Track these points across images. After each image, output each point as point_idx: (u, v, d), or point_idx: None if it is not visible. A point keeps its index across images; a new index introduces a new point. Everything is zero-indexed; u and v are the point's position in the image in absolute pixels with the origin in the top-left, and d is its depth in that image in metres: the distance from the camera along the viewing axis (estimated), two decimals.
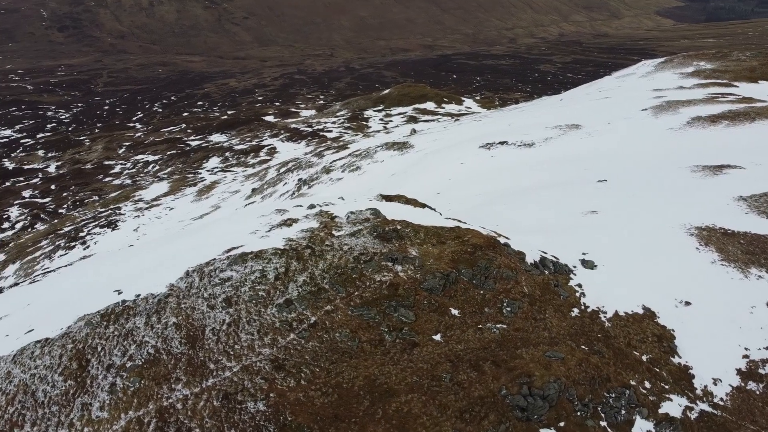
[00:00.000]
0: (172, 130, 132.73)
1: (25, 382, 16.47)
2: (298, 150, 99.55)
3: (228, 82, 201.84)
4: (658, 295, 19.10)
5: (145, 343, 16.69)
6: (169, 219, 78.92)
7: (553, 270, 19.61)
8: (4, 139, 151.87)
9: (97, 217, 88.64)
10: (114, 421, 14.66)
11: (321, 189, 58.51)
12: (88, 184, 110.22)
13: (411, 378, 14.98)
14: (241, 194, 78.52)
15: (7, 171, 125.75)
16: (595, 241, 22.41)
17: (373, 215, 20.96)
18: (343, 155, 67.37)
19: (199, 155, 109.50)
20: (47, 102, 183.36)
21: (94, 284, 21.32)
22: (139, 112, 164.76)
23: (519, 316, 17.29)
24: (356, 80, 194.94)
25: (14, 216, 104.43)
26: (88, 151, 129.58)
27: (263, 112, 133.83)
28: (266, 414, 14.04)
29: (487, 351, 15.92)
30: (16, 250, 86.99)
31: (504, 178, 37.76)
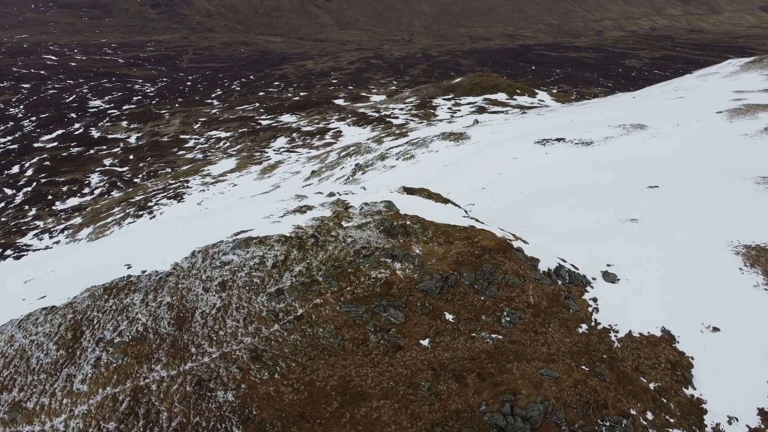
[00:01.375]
0: (245, 108, 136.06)
1: (23, 347, 16.99)
2: (363, 135, 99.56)
3: (305, 63, 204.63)
4: (683, 318, 17.45)
5: (137, 320, 16.81)
6: (231, 195, 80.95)
7: (567, 280, 18.29)
8: (93, 109, 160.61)
9: (166, 189, 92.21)
10: (92, 395, 14.82)
11: (374, 176, 58.13)
12: (163, 156, 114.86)
13: (387, 383, 14.30)
14: (301, 175, 79.41)
15: (93, 139, 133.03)
16: (625, 252, 20.79)
17: (386, 208, 20.27)
18: (400, 143, 66.65)
19: (268, 134, 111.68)
20: (135, 75, 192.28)
21: (112, 256, 21.77)
22: (218, 90, 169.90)
23: (518, 327, 16.20)
24: (432, 67, 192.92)
25: (94, 182, 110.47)
26: (166, 124, 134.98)
27: (334, 95, 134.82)
28: (233, 405, 13.77)
29: (475, 362, 14.99)
30: (92, 215, 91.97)
31: (552, 176, 35.97)
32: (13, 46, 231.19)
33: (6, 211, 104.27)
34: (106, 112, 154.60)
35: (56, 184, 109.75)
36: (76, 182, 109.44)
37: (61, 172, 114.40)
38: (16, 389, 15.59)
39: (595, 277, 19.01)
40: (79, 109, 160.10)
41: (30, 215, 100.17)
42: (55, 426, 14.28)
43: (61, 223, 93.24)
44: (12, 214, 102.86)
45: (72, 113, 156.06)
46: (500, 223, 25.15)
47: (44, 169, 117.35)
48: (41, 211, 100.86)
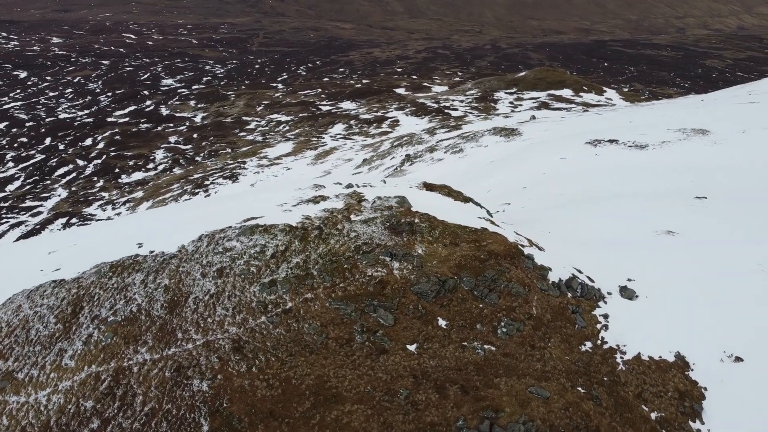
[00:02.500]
0: (308, 93, 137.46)
1: (27, 317, 17.43)
2: (420, 125, 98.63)
3: (372, 51, 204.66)
4: (703, 344, 16.03)
5: (133, 300, 16.93)
6: (284, 179, 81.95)
7: (579, 293, 17.15)
8: (165, 87, 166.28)
9: (223, 169, 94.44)
10: (77, 371, 15.00)
11: (420, 167, 57.36)
12: (225, 137, 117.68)
13: (365, 387, 13.76)
14: (352, 163, 79.45)
15: (162, 117, 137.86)
16: (652, 267, 19.37)
17: (397, 203, 19.62)
18: (451, 136, 65.48)
19: (326, 120, 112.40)
20: (207, 56, 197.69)
21: (130, 234, 22.10)
22: (285, 74, 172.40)
23: (514, 339, 15.28)
24: (500, 60, 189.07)
25: (159, 158, 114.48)
26: (231, 105, 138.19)
27: (396, 84, 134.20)
28: (205, 396, 13.59)
29: (461, 373, 14.22)
30: (153, 190, 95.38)
31: (596, 180, 34.25)
32: (97, 24, 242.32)
33: (77, 181, 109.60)
34: (177, 91, 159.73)
35: (124, 158, 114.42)
36: (142, 157, 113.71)
37: (130, 147, 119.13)
38: (12, 359, 15.99)
39: (611, 292, 17.76)
40: (152, 86, 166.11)
41: (97, 186, 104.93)
42: (38, 399, 14.53)
43: (124, 196, 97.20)
44: (81, 184, 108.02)
45: (145, 90, 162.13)
46: (527, 226, 24.05)
47: (114, 143, 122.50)
48: (108, 183, 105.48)
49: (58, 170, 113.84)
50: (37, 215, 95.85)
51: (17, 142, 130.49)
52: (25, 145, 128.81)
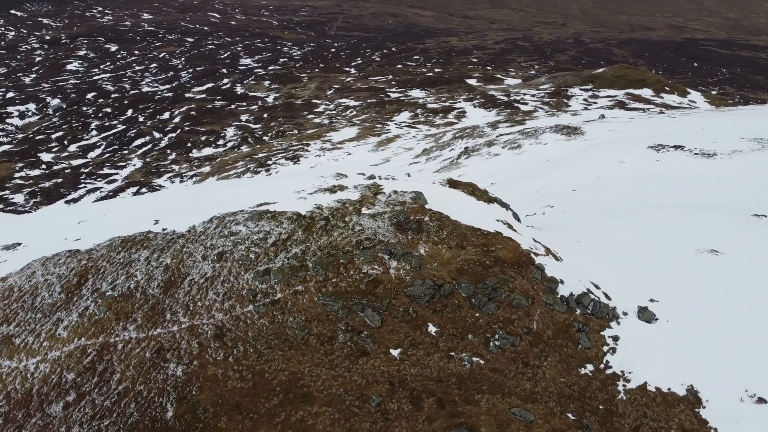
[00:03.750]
0: (378, 79, 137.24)
1: (38, 284, 17.94)
2: (486, 118, 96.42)
3: (450, 40, 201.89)
4: (722, 379, 14.51)
5: (133, 276, 17.07)
6: (343, 163, 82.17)
7: (589, 310, 15.89)
8: (242, 67, 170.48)
9: (287, 150, 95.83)
10: (67, 342, 15.26)
11: (475, 162, 55.94)
12: (293, 118, 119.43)
13: (337, 389, 13.23)
14: (412, 152, 78.64)
15: (236, 95, 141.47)
16: (681, 288, 17.77)
17: (412, 199, 18.86)
18: (513, 131, 63.44)
19: (393, 108, 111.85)
20: (286, 38, 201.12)
21: (153, 209, 22.43)
22: (359, 59, 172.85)
23: (506, 354, 14.30)
24: (581, 54, 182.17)
25: (229, 135, 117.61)
26: (303, 87, 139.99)
27: (468, 75, 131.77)
28: (177, 381, 13.46)
29: (441, 385, 13.44)
30: (219, 166, 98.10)
31: (650, 187, 32.07)
32: (185, 2, 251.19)
33: (151, 152, 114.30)
34: (253, 71, 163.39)
35: (197, 133, 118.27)
36: (214, 134, 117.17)
37: (203, 123, 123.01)
38: (14, 324, 16.48)
39: (628, 312, 16.37)
40: (231, 65, 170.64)
41: (169, 159, 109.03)
42: (28, 366, 14.87)
43: (192, 170, 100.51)
44: (155, 156, 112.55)
45: (223, 69, 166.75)
46: (557, 232, 22.74)
47: (190, 118, 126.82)
48: (179, 157, 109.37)
49: (135, 141, 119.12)
50: (112, 183, 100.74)
51: (102, 112, 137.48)
52: (109, 115, 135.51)
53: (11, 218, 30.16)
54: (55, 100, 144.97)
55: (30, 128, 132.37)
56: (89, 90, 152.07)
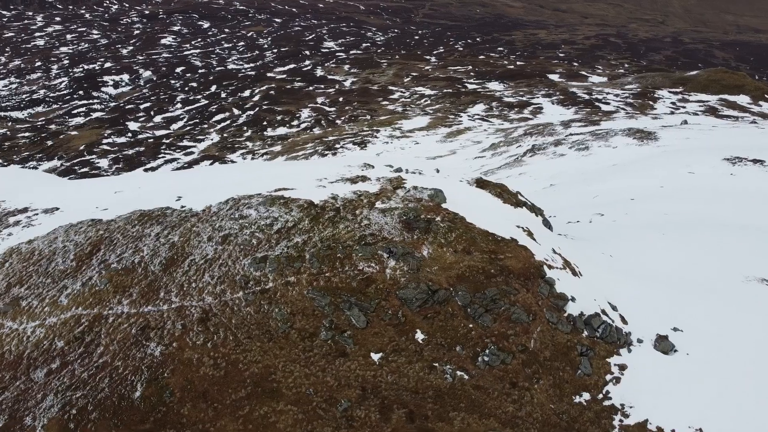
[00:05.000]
0: (457, 69, 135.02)
1: (56, 250, 18.50)
2: (564, 116, 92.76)
3: (538, 33, 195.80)
4: (738, 427, 12.95)
5: (140, 251, 17.24)
6: (409, 153, 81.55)
7: (599, 334, 14.58)
8: (325, 50, 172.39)
9: (356, 135, 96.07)
10: (65, 310, 15.58)
11: (539, 160, 53.85)
12: (367, 104, 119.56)
13: (307, 389, 12.76)
14: (480, 146, 76.90)
15: (315, 77, 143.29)
16: (715, 319, 16.08)
17: (429, 197, 18.01)
18: (584, 131, 60.53)
19: (468, 99, 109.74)
20: (371, 23, 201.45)
21: (181, 185, 22.68)
22: (441, 48, 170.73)
23: (494, 372, 13.33)
24: (677, 55, 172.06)
25: (303, 116, 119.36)
26: (381, 74, 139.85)
27: (550, 70, 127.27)
28: (153, 361, 13.41)
29: (416, 397, 12.69)
30: (289, 146, 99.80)
31: (714, 202, 29.59)
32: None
33: (229, 128, 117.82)
34: (335, 54, 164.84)
35: (273, 112, 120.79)
36: (289, 114, 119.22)
37: (280, 103, 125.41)
38: (26, 286, 17.04)
39: (643, 339, 14.92)
40: (314, 48, 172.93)
41: (245, 136, 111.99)
42: (26, 329, 15.31)
43: (264, 148, 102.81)
44: (232, 131, 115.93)
45: (306, 51, 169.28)
46: (591, 243, 21.26)
47: (268, 97, 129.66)
48: (254, 134, 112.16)
49: (215, 116, 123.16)
50: (189, 155, 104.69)
51: (188, 87, 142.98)
52: (194, 89, 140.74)
53: (60, 182, 31.58)
54: (146, 73, 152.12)
55: (122, 98, 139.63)
56: (179, 64, 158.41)
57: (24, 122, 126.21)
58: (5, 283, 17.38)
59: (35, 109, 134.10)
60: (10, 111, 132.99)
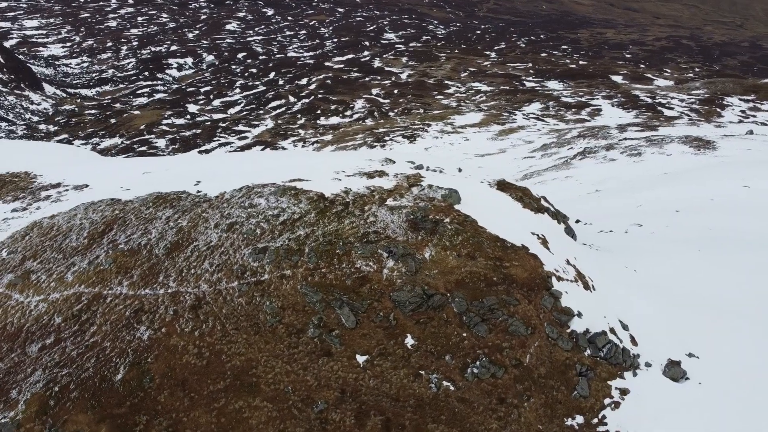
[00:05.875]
0: (517, 66, 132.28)
1: (72, 227, 18.88)
2: (623, 119, 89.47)
3: (605, 32, 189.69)
4: None
5: (148, 233, 17.35)
6: (458, 149, 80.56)
7: (603, 354, 13.69)
8: (385, 41, 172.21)
9: (407, 128, 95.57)
10: (69, 287, 15.83)
11: (588, 164, 52.04)
12: (422, 97, 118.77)
13: (285, 386, 12.47)
14: (530, 146, 75.15)
15: (372, 68, 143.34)
16: (738, 347, 14.89)
17: (443, 197, 17.40)
18: (639, 136, 58.07)
19: (525, 97, 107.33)
20: (433, 16, 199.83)
21: (203, 171, 22.80)
22: (502, 43, 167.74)
23: (482, 386, 12.68)
24: (754, 61, 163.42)
25: (357, 107, 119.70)
26: (438, 67, 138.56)
27: (613, 71, 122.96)
28: (140, 345, 13.41)
29: (396, 405, 12.20)
30: (340, 136, 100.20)
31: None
32: None
33: (283, 115, 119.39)
34: (394, 46, 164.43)
35: (328, 101, 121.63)
36: (343, 104, 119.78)
37: (336, 92, 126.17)
38: (39, 260, 17.44)
39: (652, 364, 13.93)
40: (374, 39, 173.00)
41: (298, 123, 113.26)
42: (31, 303, 15.64)
43: (315, 136, 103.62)
44: (287, 119, 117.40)
45: (366, 41, 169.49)
46: (618, 256, 20.16)
47: (324, 86, 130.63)
48: (307, 122, 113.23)
49: (271, 103, 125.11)
50: (243, 139, 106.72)
51: (248, 72, 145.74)
52: (254, 75, 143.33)
53: (95, 160, 32.43)
54: (209, 57, 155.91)
55: (184, 80, 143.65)
56: (241, 50, 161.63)
57: (92, 100, 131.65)
58: (21, 256, 17.86)
59: (103, 87, 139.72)
60: (80, 88, 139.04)
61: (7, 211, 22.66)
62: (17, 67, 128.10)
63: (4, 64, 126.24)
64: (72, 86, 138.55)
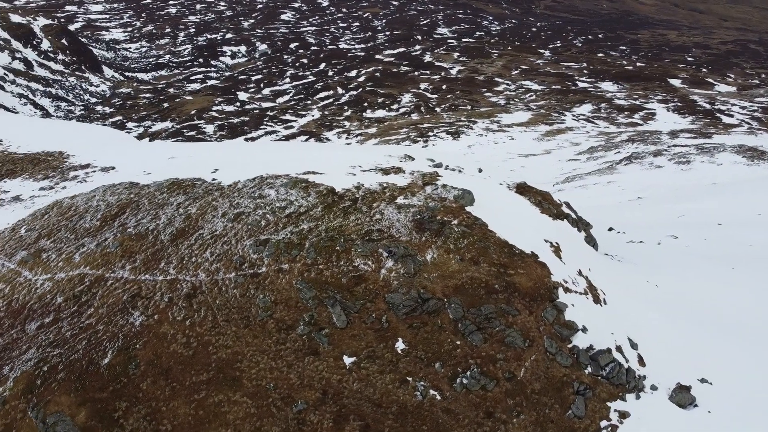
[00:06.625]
0: (570, 66, 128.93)
1: (89, 208, 19.15)
2: (677, 124, 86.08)
3: (667, 34, 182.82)
4: None
5: (157, 218, 17.42)
6: (502, 148, 79.14)
7: (604, 372, 12.92)
8: (437, 36, 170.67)
9: (452, 124, 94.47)
10: (75, 267, 16.02)
11: (633, 170, 50.19)
12: (470, 94, 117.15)
13: (267, 383, 12.24)
14: (577, 148, 73.12)
15: (422, 63, 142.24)
16: (759, 374, 13.87)
17: (455, 197, 16.84)
18: (690, 143, 55.57)
19: (577, 98, 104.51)
20: (488, 12, 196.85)
21: (224, 158, 22.81)
22: (558, 41, 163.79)
23: (471, 398, 12.13)
24: None
25: (404, 101, 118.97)
26: (489, 64, 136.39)
27: (672, 74, 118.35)
28: (131, 330, 13.41)
29: (378, 411, 11.79)
30: (384, 129, 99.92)
31: None
32: None
33: (331, 106, 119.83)
34: (446, 41, 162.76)
35: (375, 94, 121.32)
36: (390, 97, 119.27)
37: (384, 85, 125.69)
38: (52, 239, 17.75)
39: (659, 387, 13.07)
40: (426, 33, 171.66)
41: (344, 115, 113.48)
42: (38, 281, 15.90)
43: (360, 129, 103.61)
44: (333, 110, 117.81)
45: (418, 35, 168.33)
46: (641, 269, 19.18)
47: (373, 79, 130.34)
48: (353, 114, 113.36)
49: (319, 93, 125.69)
50: (289, 128, 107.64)
51: (299, 62, 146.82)
52: (304, 66, 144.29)
53: (127, 143, 33.00)
54: (262, 46, 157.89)
55: (236, 68, 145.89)
56: (293, 40, 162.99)
57: (147, 84, 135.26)
58: (36, 234, 18.24)
59: (159, 72, 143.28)
60: (137, 72, 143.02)
61: (35, 189, 23.27)
62: (79, 49, 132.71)
63: (68, 46, 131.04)
64: (129, 70, 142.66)
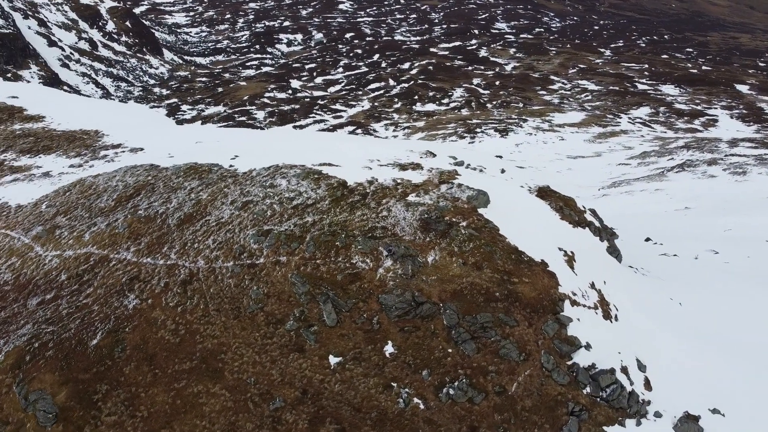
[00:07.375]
0: (631, 67, 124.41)
1: (108, 188, 19.36)
2: (741, 132, 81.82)
3: (739, 37, 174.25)
4: None
5: (168, 201, 17.43)
6: (550, 148, 77.08)
7: (604, 394, 12.09)
8: (495, 30, 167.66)
9: (501, 122, 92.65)
10: (83, 246, 16.19)
11: (684, 179, 47.92)
12: (524, 91, 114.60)
13: (249, 377, 11.99)
14: (629, 153, 70.49)
15: (476, 57, 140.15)
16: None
17: (468, 198, 16.17)
18: (750, 153, 52.58)
19: (634, 100, 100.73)
20: (550, 8, 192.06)
21: (249, 146, 22.70)
22: (620, 41, 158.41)
23: (456, 410, 11.54)
24: None
25: (455, 96, 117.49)
26: (546, 62, 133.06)
27: (739, 79, 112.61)
28: (123, 313, 13.40)
29: (357, 415, 11.37)
30: (432, 123, 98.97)
31: None
32: None
33: (381, 98, 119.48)
34: (504, 36, 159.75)
35: (426, 88, 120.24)
36: (441, 91, 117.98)
37: (436, 79, 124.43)
38: (68, 216, 18.03)
39: (663, 414, 12.14)
40: (484, 27, 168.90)
41: (394, 107, 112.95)
42: (48, 256, 16.15)
43: (409, 122, 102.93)
44: (383, 101, 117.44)
45: (475, 30, 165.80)
46: (667, 285, 18.05)
47: (426, 72, 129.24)
48: (403, 107, 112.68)
49: (371, 84, 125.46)
50: (338, 118, 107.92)
51: (353, 53, 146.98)
52: (358, 56, 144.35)
53: (166, 126, 33.35)
54: (318, 35, 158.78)
55: (291, 56, 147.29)
56: (349, 30, 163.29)
57: (204, 68, 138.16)
58: (54, 210, 18.57)
59: (216, 57, 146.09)
60: (195, 56, 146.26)
61: (66, 166, 23.77)
62: (142, 32, 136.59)
63: (131, 28, 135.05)
64: (188, 54, 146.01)
